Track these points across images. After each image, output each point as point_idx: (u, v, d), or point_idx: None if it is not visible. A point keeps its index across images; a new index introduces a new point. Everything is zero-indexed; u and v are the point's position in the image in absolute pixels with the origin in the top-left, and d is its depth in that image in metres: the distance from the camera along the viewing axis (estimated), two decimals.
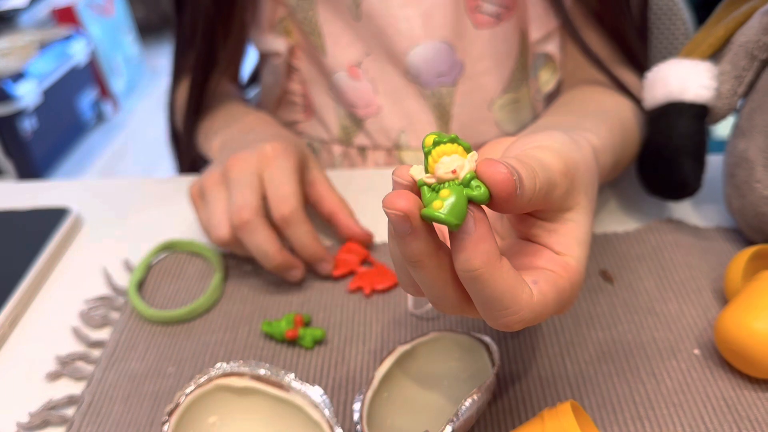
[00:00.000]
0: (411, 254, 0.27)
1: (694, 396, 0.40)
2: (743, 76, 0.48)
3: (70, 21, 2.47)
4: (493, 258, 0.27)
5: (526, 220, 0.32)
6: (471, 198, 0.26)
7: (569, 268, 0.31)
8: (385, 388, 0.39)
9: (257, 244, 0.46)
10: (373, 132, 0.66)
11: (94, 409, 0.42)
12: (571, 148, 0.33)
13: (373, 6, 0.59)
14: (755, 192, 0.47)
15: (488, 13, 0.60)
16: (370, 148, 0.67)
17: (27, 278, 0.51)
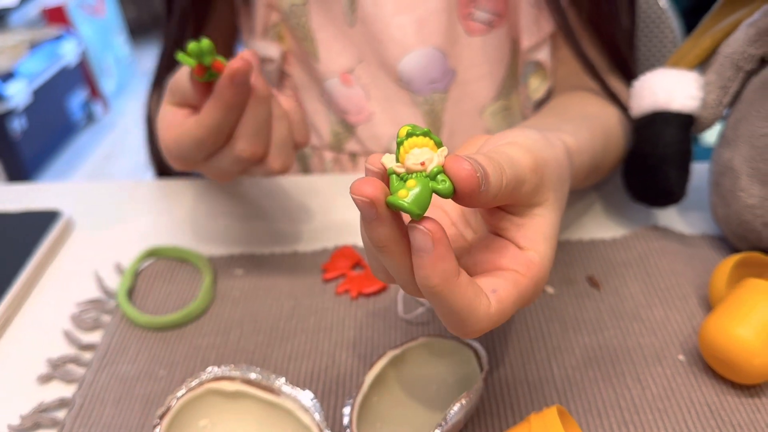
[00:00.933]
0: (377, 239, 0.28)
1: (679, 401, 0.41)
2: (729, 87, 0.49)
3: (60, 21, 2.46)
4: (450, 276, 0.28)
5: (496, 213, 0.33)
6: (435, 191, 0.27)
7: (532, 265, 0.32)
8: (374, 392, 0.39)
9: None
10: (364, 138, 0.66)
11: (85, 412, 0.42)
12: (543, 146, 0.34)
13: (368, 12, 0.60)
14: (739, 201, 0.48)
15: (481, 20, 0.60)
16: (361, 155, 0.67)
17: (18, 281, 0.51)
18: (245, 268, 0.53)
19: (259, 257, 0.54)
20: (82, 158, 2.37)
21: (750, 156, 0.47)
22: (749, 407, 0.40)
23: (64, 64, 2.37)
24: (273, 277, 0.52)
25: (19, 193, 0.64)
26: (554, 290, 0.49)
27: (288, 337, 0.46)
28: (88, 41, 2.56)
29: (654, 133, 0.48)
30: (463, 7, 0.60)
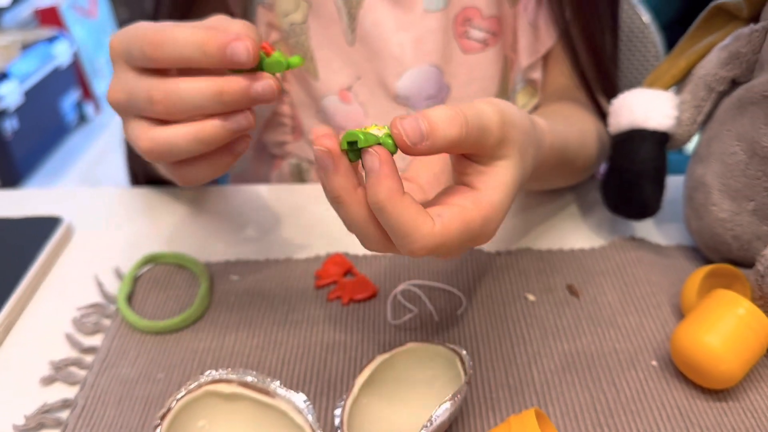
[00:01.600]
0: (333, 190, 0.33)
1: (651, 405, 0.43)
2: (702, 106, 0.51)
3: (53, 22, 2.47)
4: (395, 193, 0.32)
5: (463, 161, 0.37)
6: (380, 142, 0.33)
7: (481, 203, 0.35)
8: (364, 395, 0.42)
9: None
10: None
11: (87, 413, 0.44)
12: (514, 111, 0.37)
13: (368, 31, 0.62)
14: (711, 214, 0.50)
15: (476, 39, 0.63)
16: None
17: (21, 285, 0.53)
18: (241, 274, 0.55)
19: (254, 264, 0.56)
20: (74, 159, 2.38)
21: (721, 172, 0.50)
22: (717, 411, 0.43)
23: (57, 65, 2.38)
24: (267, 284, 0.54)
25: (19, 198, 0.66)
26: (535, 298, 0.51)
27: (282, 342, 0.48)
28: (80, 42, 2.57)
29: (631, 149, 0.51)
30: (459, 26, 0.63)
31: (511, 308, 0.51)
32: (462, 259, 0.55)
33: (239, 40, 0.35)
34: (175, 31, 0.36)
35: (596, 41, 0.60)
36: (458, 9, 0.63)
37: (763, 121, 0.47)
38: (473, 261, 0.55)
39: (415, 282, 0.53)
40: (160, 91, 0.36)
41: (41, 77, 2.30)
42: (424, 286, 0.53)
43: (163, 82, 0.37)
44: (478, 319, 0.50)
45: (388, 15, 0.62)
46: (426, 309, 0.51)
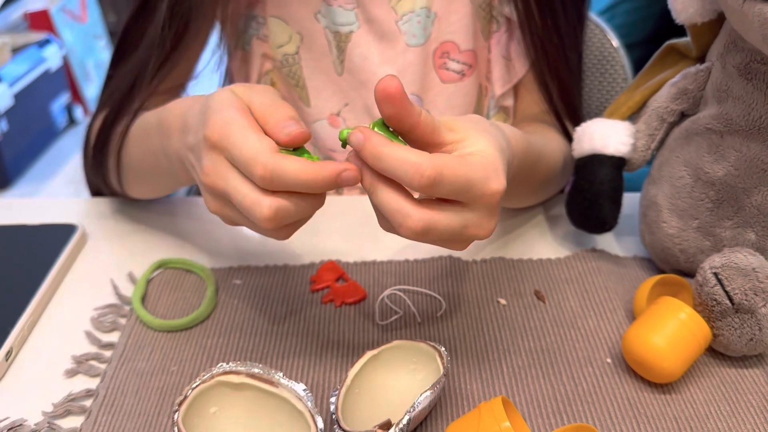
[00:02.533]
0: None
1: (605, 396, 0.50)
2: (655, 135, 0.58)
3: (43, 26, 2.50)
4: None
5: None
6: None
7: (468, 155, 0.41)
8: (356, 385, 0.48)
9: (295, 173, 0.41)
10: None
11: (108, 401, 0.50)
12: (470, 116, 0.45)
13: (356, 63, 0.68)
14: (662, 230, 0.57)
15: (453, 70, 0.70)
16: (345, 188, 0.75)
17: (41, 287, 0.58)
18: (243, 278, 0.61)
19: (255, 269, 0.62)
20: (63, 161, 2.41)
21: (670, 194, 0.56)
22: (661, 402, 0.49)
23: (47, 69, 2.41)
24: (268, 287, 0.60)
25: (36, 207, 0.71)
26: (506, 302, 0.58)
27: (281, 339, 0.54)
28: (69, 46, 2.60)
29: (591, 172, 0.57)
30: (438, 58, 0.69)
31: (484, 311, 0.57)
32: (442, 266, 0.62)
33: (349, 171, 0.41)
34: (284, 164, 0.40)
35: (562, 73, 0.66)
36: (437, 44, 0.69)
37: (705, 150, 0.54)
38: (452, 268, 0.61)
39: (401, 287, 0.59)
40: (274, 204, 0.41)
41: (31, 80, 2.32)
42: (409, 290, 0.59)
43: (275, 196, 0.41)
44: (456, 321, 0.56)
45: (373, 49, 0.69)
46: (410, 311, 0.57)
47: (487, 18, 0.70)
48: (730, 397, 0.49)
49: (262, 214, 0.41)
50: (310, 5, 0.69)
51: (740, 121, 0.51)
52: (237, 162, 0.41)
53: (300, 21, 0.69)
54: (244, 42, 0.71)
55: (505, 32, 0.70)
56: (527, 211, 0.70)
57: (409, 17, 0.69)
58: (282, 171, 0.40)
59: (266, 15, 0.69)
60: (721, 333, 0.50)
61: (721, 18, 0.54)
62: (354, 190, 0.76)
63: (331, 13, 0.68)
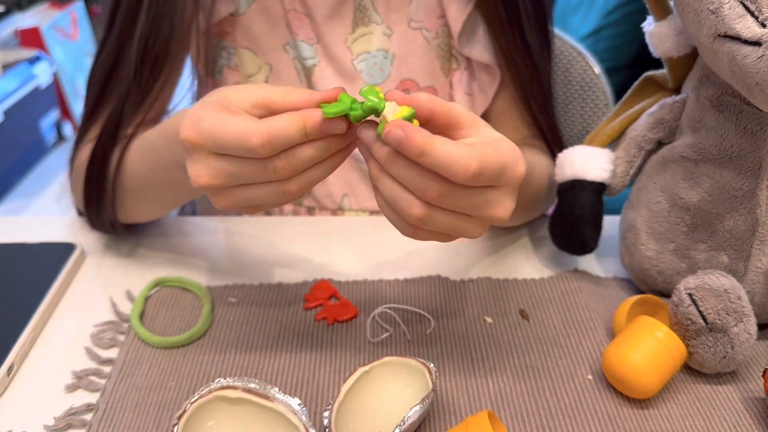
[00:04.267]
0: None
1: (586, 411, 0.52)
2: (633, 162, 0.61)
3: (34, 43, 2.52)
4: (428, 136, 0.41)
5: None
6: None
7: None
8: (348, 400, 0.50)
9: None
10: (320, 197, 0.77)
11: (108, 415, 0.51)
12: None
13: (318, 88, 0.71)
14: (640, 252, 0.60)
15: None
16: (317, 209, 0.78)
17: (42, 304, 0.60)
18: (238, 297, 0.63)
19: (249, 287, 0.64)
20: (52, 177, 2.41)
21: (648, 218, 0.59)
22: (639, 416, 0.52)
23: (37, 85, 2.42)
24: (262, 305, 0.62)
25: (33, 225, 0.73)
26: (492, 320, 0.60)
27: (276, 356, 0.56)
28: (59, 63, 2.61)
29: (573, 196, 0.60)
30: None
31: (471, 329, 0.59)
32: (431, 286, 0.64)
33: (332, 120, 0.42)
34: (275, 123, 0.42)
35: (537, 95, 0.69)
36: (397, 82, 0.73)
37: (681, 177, 0.57)
38: (441, 288, 0.64)
39: (391, 306, 0.61)
40: (284, 162, 0.43)
41: (21, 97, 2.34)
42: (399, 309, 0.61)
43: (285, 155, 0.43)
44: (444, 338, 0.58)
45: (335, 84, 0.71)
46: (400, 329, 0.59)
47: (446, 57, 0.73)
48: (704, 412, 0.52)
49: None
50: (279, 38, 0.71)
51: (713, 150, 0.54)
52: (227, 148, 0.43)
53: (269, 52, 0.72)
54: (215, 71, 0.74)
55: (465, 69, 0.73)
56: (513, 233, 0.72)
57: (365, 57, 0.72)
58: (276, 130, 0.41)
59: (237, 46, 0.72)
60: (696, 351, 0.52)
61: (696, 52, 0.57)
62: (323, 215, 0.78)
63: (296, 47, 0.72)
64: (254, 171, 0.43)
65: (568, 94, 1.03)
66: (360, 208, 0.77)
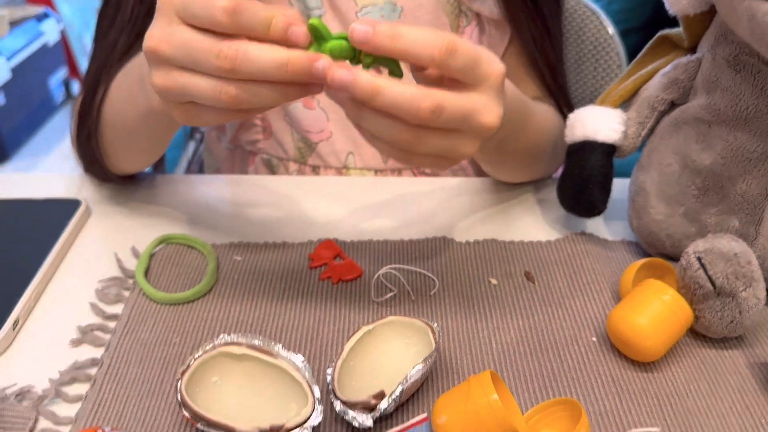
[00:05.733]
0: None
1: (589, 373, 0.52)
2: (645, 123, 0.60)
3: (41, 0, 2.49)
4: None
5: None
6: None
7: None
8: (351, 358, 0.50)
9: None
10: (324, 155, 0.76)
11: (112, 370, 0.52)
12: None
13: None
14: (649, 216, 0.59)
15: None
16: (322, 167, 0.77)
17: (46, 260, 0.60)
18: (243, 255, 0.63)
19: (254, 246, 0.64)
20: (61, 135, 2.41)
21: (658, 180, 0.58)
22: (643, 379, 0.51)
23: (45, 43, 2.41)
24: (267, 264, 0.62)
25: (38, 182, 0.73)
26: (497, 282, 0.60)
27: (280, 314, 0.56)
28: (68, 20, 2.59)
29: (582, 157, 0.59)
30: None
31: (476, 290, 0.59)
32: (436, 247, 0.64)
33: (298, 25, 0.40)
34: (247, 2, 0.40)
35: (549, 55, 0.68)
36: None
37: (694, 139, 0.56)
38: (446, 249, 0.63)
39: (396, 266, 0.61)
40: (231, 50, 0.39)
41: (29, 54, 2.32)
42: (403, 269, 0.61)
43: (235, 42, 0.40)
44: (448, 299, 0.58)
45: None
46: (404, 289, 0.59)
47: (456, 13, 0.71)
48: (709, 376, 0.52)
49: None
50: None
51: (728, 112, 0.53)
52: (196, 13, 0.40)
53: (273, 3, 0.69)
54: None
55: (476, 26, 0.71)
56: (519, 194, 0.71)
57: (370, 10, 0.70)
58: (246, 5, 0.40)
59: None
60: (703, 315, 0.52)
61: (713, 10, 0.55)
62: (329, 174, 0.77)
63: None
64: (200, 49, 0.40)
65: (581, 54, 1.01)
66: (365, 166, 0.76)
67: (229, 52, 0.40)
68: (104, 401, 0.49)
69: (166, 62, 0.43)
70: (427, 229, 0.66)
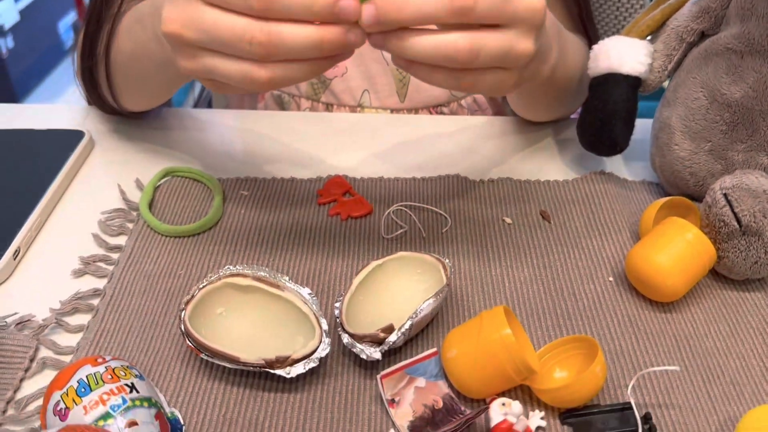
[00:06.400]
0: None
1: (605, 313, 0.50)
2: (673, 55, 0.57)
3: None
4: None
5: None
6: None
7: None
8: (360, 293, 0.48)
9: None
10: (338, 92, 0.73)
11: (115, 301, 0.51)
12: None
13: None
14: (673, 153, 0.57)
15: None
16: (335, 105, 0.74)
17: (49, 190, 0.58)
18: (250, 190, 0.61)
19: (262, 181, 0.62)
20: (70, 80, 2.38)
21: (684, 115, 0.55)
22: (661, 320, 0.50)
23: None
24: (274, 199, 0.60)
25: (42, 113, 0.71)
26: (511, 221, 0.58)
27: (287, 249, 0.55)
28: None
29: (605, 91, 0.56)
30: None
31: (489, 229, 0.57)
32: (449, 185, 0.61)
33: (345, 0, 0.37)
34: None
35: None
36: None
37: (724, 71, 0.53)
38: (459, 187, 0.61)
39: (407, 203, 0.59)
40: (264, 34, 0.37)
41: None
42: (414, 207, 0.59)
43: (266, 24, 0.37)
44: (460, 237, 0.56)
45: None
46: (415, 227, 0.57)
47: None
48: (730, 318, 0.50)
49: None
50: None
51: (762, 41, 0.50)
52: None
53: None
54: None
55: None
56: (537, 134, 0.69)
57: None
58: None
59: None
60: (726, 255, 0.50)
61: None
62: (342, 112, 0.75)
63: None
64: (231, 34, 0.38)
65: None
66: (380, 105, 0.74)
67: (263, 38, 0.38)
68: (106, 331, 0.48)
69: (190, 46, 0.40)
70: (440, 167, 0.64)
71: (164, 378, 0.45)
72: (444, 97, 0.74)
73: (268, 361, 0.42)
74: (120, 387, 0.39)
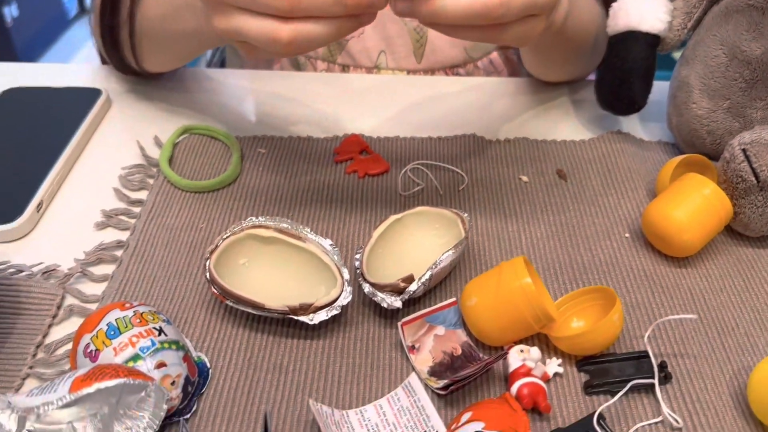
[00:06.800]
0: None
1: (621, 268, 0.51)
2: (693, 13, 0.57)
3: None
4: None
5: None
6: None
7: None
8: (379, 246, 0.49)
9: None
10: (355, 53, 0.73)
11: (138, 252, 0.51)
12: None
13: None
14: (691, 111, 0.57)
15: None
16: (352, 67, 0.74)
17: (70, 145, 0.59)
18: (267, 148, 0.61)
19: (279, 139, 0.62)
20: (74, 49, 2.38)
21: (703, 74, 0.56)
22: (677, 274, 0.50)
23: None
24: (292, 157, 0.60)
25: (59, 72, 0.71)
26: (528, 179, 0.58)
27: (306, 204, 0.55)
28: None
29: (624, 48, 0.56)
30: None
31: (506, 187, 0.58)
32: (465, 144, 0.62)
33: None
34: None
35: None
36: None
37: (745, 28, 0.53)
38: (475, 147, 0.62)
39: (423, 162, 0.60)
40: None
41: None
42: (431, 165, 0.59)
43: None
44: (477, 194, 0.57)
45: None
46: (432, 185, 0.58)
47: None
48: (745, 273, 0.51)
49: None
50: None
51: None
52: None
53: None
54: None
55: None
56: (553, 95, 0.69)
57: None
58: None
59: None
60: (743, 211, 0.50)
61: None
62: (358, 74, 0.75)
63: None
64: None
65: None
66: (397, 67, 0.74)
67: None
68: (131, 280, 0.49)
69: (223, 3, 0.42)
70: (457, 126, 0.64)
71: (189, 325, 0.46)
72: (460, 59, 0.74)
73: (291, 308, 0.43)
74: (148, 330, 0.40)
